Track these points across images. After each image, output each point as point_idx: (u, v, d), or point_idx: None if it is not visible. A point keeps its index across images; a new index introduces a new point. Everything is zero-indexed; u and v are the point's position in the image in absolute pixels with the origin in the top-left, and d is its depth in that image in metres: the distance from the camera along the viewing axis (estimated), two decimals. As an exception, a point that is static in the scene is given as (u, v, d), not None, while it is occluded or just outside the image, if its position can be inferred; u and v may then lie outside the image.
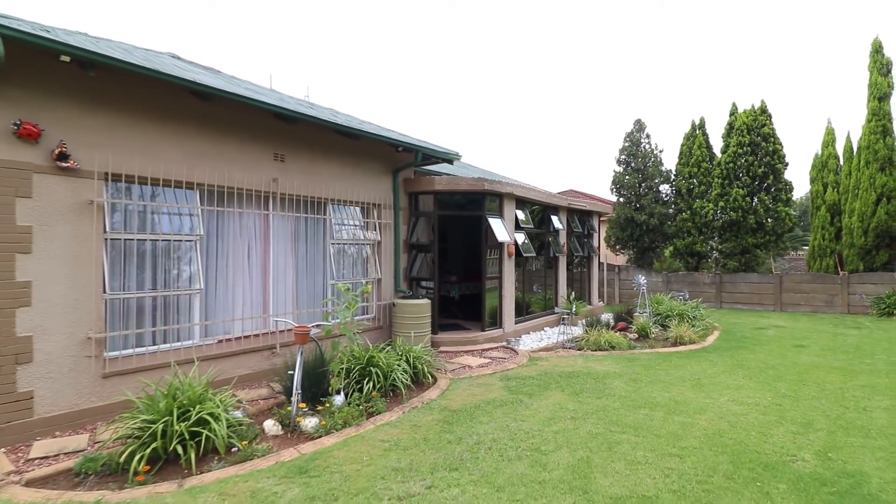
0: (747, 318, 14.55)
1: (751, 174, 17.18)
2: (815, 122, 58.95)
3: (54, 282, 5.15)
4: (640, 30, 74.44)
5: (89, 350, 5.38)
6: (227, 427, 4.60)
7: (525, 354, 9.05)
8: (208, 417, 4.48)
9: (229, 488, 3.92)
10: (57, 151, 5.13)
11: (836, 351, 9.50)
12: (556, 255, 12.97)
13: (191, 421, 4.39)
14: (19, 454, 4.69)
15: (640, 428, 5.21)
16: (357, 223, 8.89)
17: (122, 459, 4.17)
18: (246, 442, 4.68)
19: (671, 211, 19.22)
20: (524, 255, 11.02)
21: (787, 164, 17.29)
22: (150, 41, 62.29)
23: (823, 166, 17.50)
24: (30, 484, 4.15)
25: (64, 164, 5.16)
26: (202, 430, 4.38)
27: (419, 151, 9.23)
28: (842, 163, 17.11)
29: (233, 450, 4.60)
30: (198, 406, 4.53)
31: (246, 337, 6.94)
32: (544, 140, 79.55)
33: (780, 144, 17.29)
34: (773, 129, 17.28)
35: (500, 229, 10.14)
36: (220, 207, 6.77)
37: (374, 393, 5.94)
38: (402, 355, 6.78)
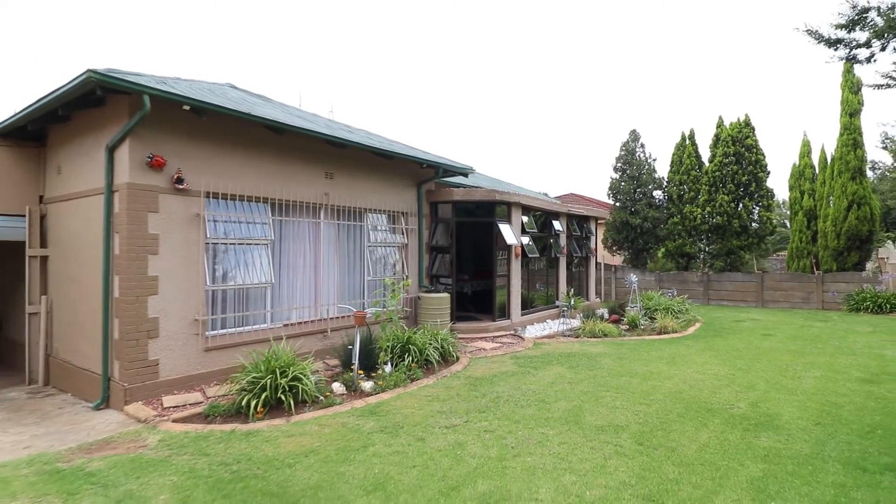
0: (729, 312, 16.12)
1: (735, 182, 18.77)
2: (794, 134, 61.14)
3: (173, 276, 6.74)
4: (637, 44, 76.22)
5: (196, 329, 6.98)
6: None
7: (530, 340, 10.65)
8: (300, 376, 6.07)
9: (323, 422, 5.51)
10: (175, 177, 6.72)
11: (796, 339, 11.07)
12: (557, 255, 14.55)
13: (288, 377, 5.99)
14: (154, 405, 6.28)
15: (621, 388, 6.80)
16: (388, 228, 10.48)
17: (242, 404, 5.76)
18: (326, 395, 6.27)
19: (663, 215, 20.79)
20: (529, 255, 12.62)
21: (768, 173, 18.88)
22: (176, 54, 63.92)
23: (801, 175, 19.08)
24: (175, 422, 5.74)
25: (180, 187, 6.76)
26: (297, 384, 5.98)
27: (440, 167, 10.83)
28: (817, 172, 18.69)
29: (318, 400, 6.18)
30: (290, 368, 6.12)
31: (302, 322, 8.52)
32: (546, 146, 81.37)
33: (763, 155, 18.88)
34: (755, 141, 18.87)
35: (508, 233, 11.72)
36: (284, 217, 8.37)
37: (413, 364, 7.54)
38: (431, 337, 8.36)
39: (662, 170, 23.70)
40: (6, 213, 7.94)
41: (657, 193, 21.50)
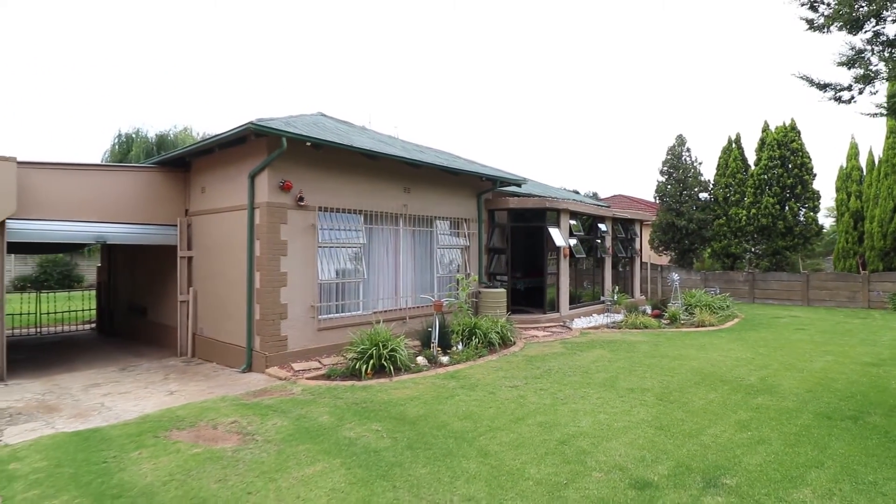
0: (772, 310, 16.95)
1: (780, 184, 19.43)
2: (842, 137, 58.86)
3: (296, 272, 8.78)
4: (687, 51, 75.10)
5: (312, 314, 9.00)
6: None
7: (577, 330, 12.17)
8: (396, 348, 7.94)
9: (417, 381, 7.35)
10: (298, 196, 8.75)
11: (827, 333, 12.04)
12: (603, 256, 15.92)
13: (387, 349, 7.87)
14: (287, 369, 8.31)
15: (651, 366, 8.29)
16: (452, 233, 12.28)
17: (355, 367, 7.69)
18: (414, 365, 8.12)
19: (709, 217, 21.61)
20: (576, 256, 14.10)
21: (814, 176, 19.42)
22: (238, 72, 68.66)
23: (848, 177, 19.50)
24: (308, 379, 7.73)
25: (301, 203, 8.79)
26: (395, 354, 7.85)
27: (497, 180, 12.55)
28: (864, 174, 19.07)
29: (409, 368, 8.03)
30: (389, 342, 8.00)
31: (387, 311, 10.43)
32: (597, 149, 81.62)
33: (809, 158, 19.44)
34: (801, 144, 19.45)
35: (557, 236, 13.27)
36: (372, 225, 10.31)
37: (479, 345, 9.29)
38: (493, 324, 10.07)
39: (708, 173, 24.30)
40: (162, 223, 10.28)
41: (703, 196, 22.31)
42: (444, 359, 8.61)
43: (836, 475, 4.19)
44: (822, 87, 6.66)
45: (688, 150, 22.60)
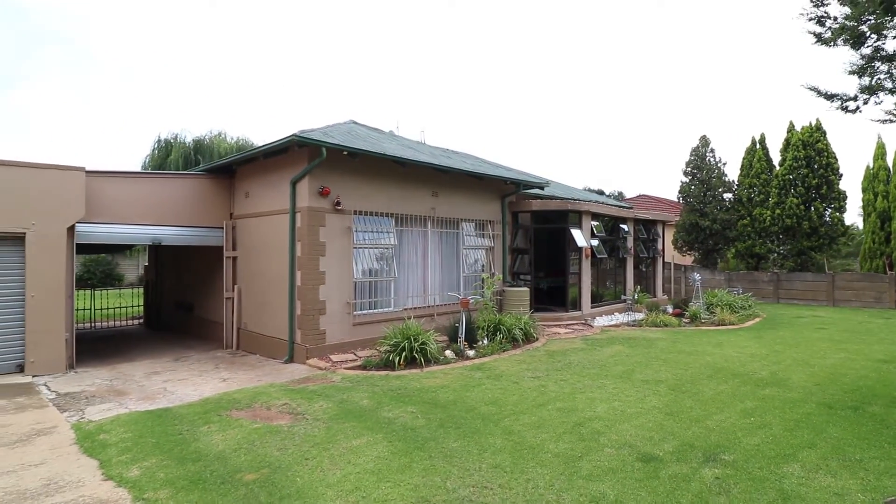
0: (795, 310, 17.04)
1: (805, 185, 19.44)
2: (869, 137, 57.21)
3: (334, 271, 9.49)
4: (711, 52, 73.94)
5: (348, 310, 9.70)
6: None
7: (598, 328, 12.63)
8: (426, 342, 8.58)
9: (446, 372, 7.97)
10: (336, 201, 9.47)
11: (847, 332, 12.22)
12: (625, 256, 16.28)
13: (418, 342, 8.50)
14: (326, 360, 9.03)
15: (667, 360, 8.73)
16: (477, 234, 12.86)
17: (389, 359, 8.34)
18: (442, 357, 8.74)
19: (733, 217, 21.67)
20: (598, 256, 14.53)
21: (840, 176, 19.36)
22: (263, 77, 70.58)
23: (874, 177, 19.38)
24: (346, 369, 8.43)
25: (338, 208, 9.50)
26: (425, 347, 8.48)
27: (521, 183, 13.08)
28: (892, 174, 18.94)
29: (438, 360, 8.65)
30: (419, 336, 8.64)
31: (416, 308, 11.07)
32: (622, 149, 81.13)
33: (835, 158, 19.39)
34: (827, 144, 19.42)
35: (579, 237, 13.73)
36: (402, 227, 10.96)
37: (503, 340, 9.86)
38: (516, 321, 10.62)
39: (731, 173, 24.21)
40: (209, 226, 11.13)
41: (727, 196, 22.38)
42: (471, 352, 9.21)
43: (826, 454, 4.64)
44: (829, 97, 7.04)
45: (711, 150, 22.70)
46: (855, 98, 6.83)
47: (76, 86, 60.92)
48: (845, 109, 6.98)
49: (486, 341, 9.74)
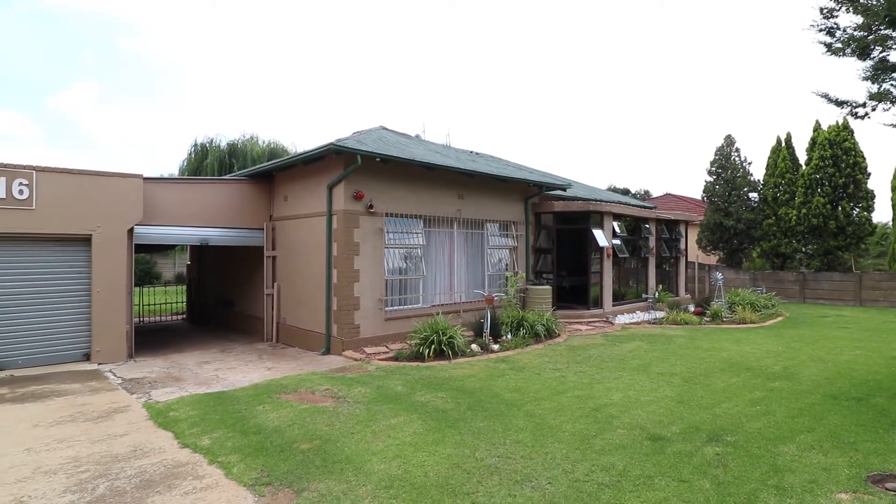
0: (820, 310, 17.08)
1: (832, 184, 19.36)
2: None
3: (367, 270, 10.17)
4: (739, 52, 72.58)
5: (380, 306, 10.37)
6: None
7: (619, 325, 13.04)
8: (453, 335, 9.18)
9: (472, 363, 8.56)
10: (369, 204, 10.14)
11: (868, 331, 12.34)
12: (646, 255, 16.59)
13: (446, 336, 9.11)
14: (360, 352, 9.71)
15: (684, 356, 9.14)
16: (501, 234, 13.41)
17: (419, 351, 8.98)
18: (469, 349, 9.33)
19: (758, 217, 21.67)
20: (619, 256, 14.91)
21: (868, 175, 19.23)
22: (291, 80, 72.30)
23: (904, 176, 19.16)
24: (379, 360, 9.09)
25: (371, 210, 10.17)
26: (452, 341, 9.09)
27: (544, 185, 13.58)
28: (922, 172, 18.72)
29: (464, 353, 9.25)
30: (447, 331, 9.24)
31: (443, 304, 11.68)
32: (648, 148, 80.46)
33: (862, 157, 19.27)
34: (854, 143, 19.31)
35: (601, 237, 14.14)
36: (430, 228, 11.59)
37: (526, 335, 10.39)
38: (539, 317, 11.14)
39: (756, 172, 23.99)
40: (251, 227, 11.95)
41: (752, 195, 22.37)
42: (495, 346, 9.78)
43: (822, 437, 5.07)
44: (839, 104, 7.38)
45: (737, 150, 22.72)
46: (864, 105, 7.15)
47: (113, 91, 63.50)
48: (855, 115, 7.31)
49: (509, 336, 10.29)
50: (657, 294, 15.62)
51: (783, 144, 21.37)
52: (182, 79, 67.74)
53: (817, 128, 20.26)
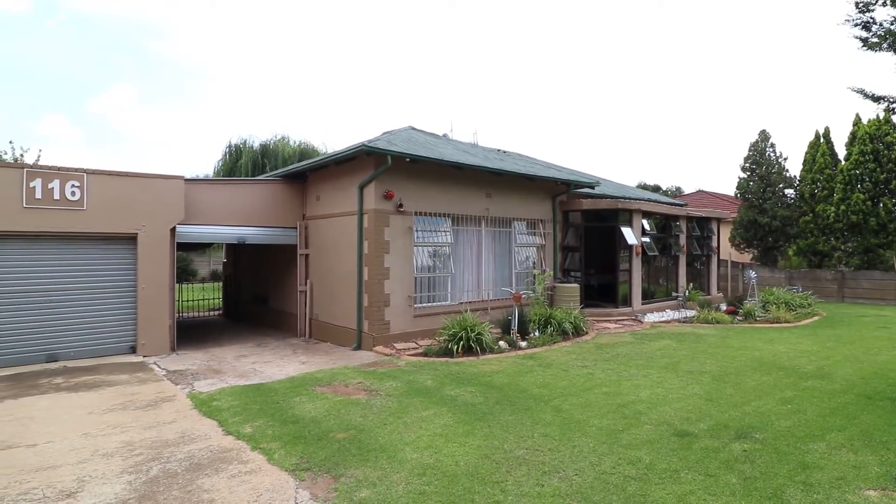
0: (860, 309, 16.58)
1: (873, 180, 18.73)
2: None
3: (397, 267, 10.41)
4: (774, 45, 70.32)
5: (410, 303, 10.61)
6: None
7: (648, 324, 12.97)
8: (482, 332, 9.34)
9: (500, 359, 8.71)
10: (399, 203, 10.38)
11: (911, 331, 11.97)
12: (677, 254, 16.40)
13: (475, 332, 9.28)
14: (390, 348, 9.95)
15: (714, 354, 9.09)
16: (529, 232, 13.48)
17: (448, 347, 9.16)
18: (497, 346, 9.47)
19: (794, 214, 21.10)
20: (649, 254, 14.79)
21: (912, 170, 18.51)
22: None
23: (951, 171, 18.39)
24: (409, 356, 9.32)
25: (401, 209, 10.40)
26: (481, 337, 9.25)
27: (572, 183, 13.59)
28: (970, 167, 17.94)
29: (492, 349, 9.39)
30: (475, 327, 9.40)
31: (471, 302, 11.84)
32: (681, 144, 78.90)
33: (906, 151, 18.56)
34: (896, 138, 18.62)
35: (629, 235, 14.07)
36: (459, 227, 11.76)
37: (553, 333, 10.47)
38: (567, 315, 11.19)
39: (792, 168, 23.29)
40: (285, 226, 12.34)
41: (788, 192, 21.81)
42: (523, 343, 9.89)
43: (853, 436, 5.04)
44: (876, 99, 7.23)
45: (772, 145, 22.19)
46: (901, 100, 6.99)
47: (149, 93, 65.69)
48: (892, 111, 7.15)
49: (537, 333, 10.38)
50: (688, 292, 15.44)
51: (822, 139, 20.76)
52: (214, 81, 69.61)
53: (857, 122, 19.61)
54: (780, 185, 21.53)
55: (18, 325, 8.99)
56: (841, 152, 20.37)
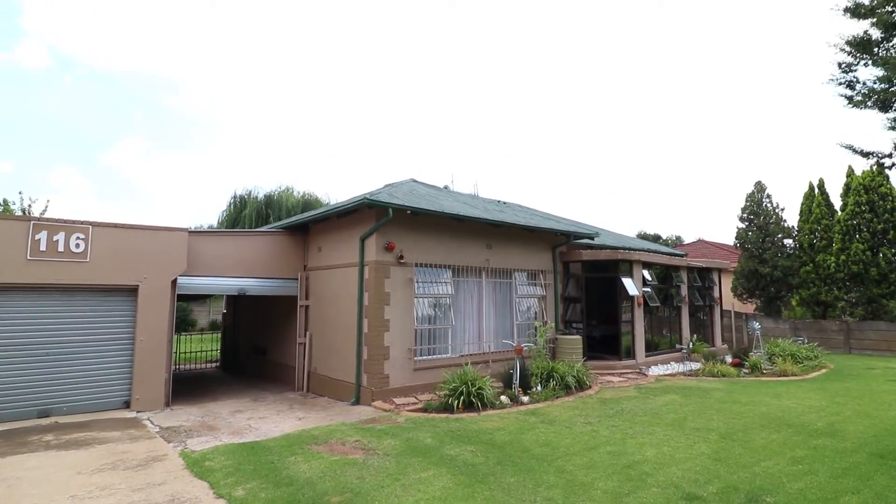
0: (867, 361, 16.31)
1: (871, 230, 18.86)
2: None
3: (397, 319, 10.34)
4: (764, 96, 72.94)
5: (410, 356, 10.47)
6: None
7: (652, 377, 12.73)
8: (483, 387, 9.16)
9: (502, 415, 8.50)
10: (399, 255, 10.44)
11: (921, 384, 11.73)
12: (679, 304, 16.30)
13: (476, 387, 9.10)
14: (389, 402, 9.74)
15: (721, 410, 8.87)
16: (529, 283, 13.47)
17: (448, 402, 8.97)
18: (499, 401, 9.27)
19: (795, 263, 21.12)
20: (650, 304, 14.71)
21: (909, 220, 18.67)
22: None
23: (947, 221, 18.54)
24: (408, 411, 9.11)
25: (402, 261, 10.45)
26: (482, 392, 9.06)
27: (571, 234, 13.71)
28: (967, 218, 18.10)
29: (494, 405, 9.19)
30: (476, 381, 9.24)
31: (472, 354, 11.68)
32: (680, 193, 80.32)
33: (901, 202, 18.79)
34: (890, 188, 18.91)
35: (630, 286, 14.04)
36: (459, 278, 11.77)
37: (556, 387, 10.27)
38: (569, 368, 11.01)
39: (790, 218, 23.56)
40: (286, 277, 12.36)
41: (787, 242, 21.93)
42: (525, 398, 9.69)
43: (868, 499, 4.85)
44: (865, 154, 7.39)
45: (768, 196, 22.49)
46: (891, 155, 7.15)
47: (157, 145, 67.44)
48: (881, 166, 7.30)
49: (539, 388, 10.18)
50: (692, 344, 15.24)
51: (816, 190, 21.07)
52: (221, 132, 71.61)
53: (850, 173, 19.97)
54: (779, 236, 21.68)
55: (13, 379, 8.85)
56: (836, 202, 20.64)
